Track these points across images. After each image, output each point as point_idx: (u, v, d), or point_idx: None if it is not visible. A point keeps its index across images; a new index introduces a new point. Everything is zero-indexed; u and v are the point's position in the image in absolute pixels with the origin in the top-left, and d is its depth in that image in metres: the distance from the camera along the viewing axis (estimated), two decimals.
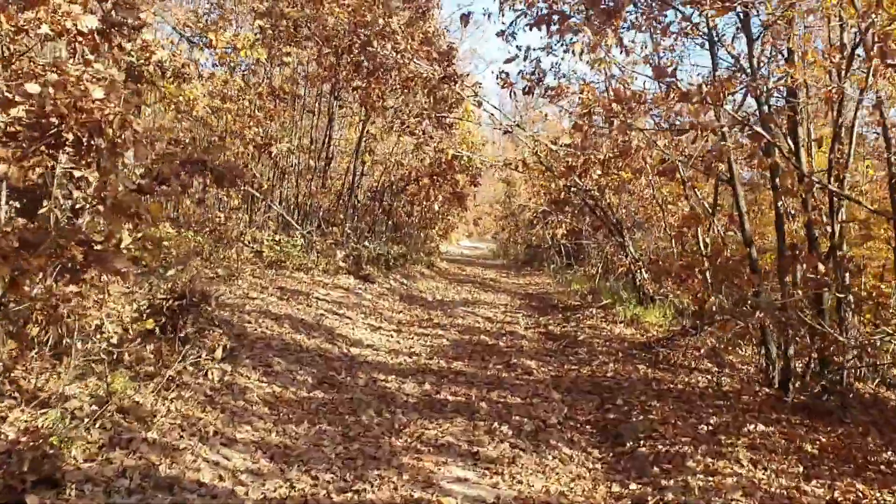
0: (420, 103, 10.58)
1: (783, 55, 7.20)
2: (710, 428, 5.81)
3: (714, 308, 8.49)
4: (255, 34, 12.00)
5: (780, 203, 6.76)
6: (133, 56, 4.85)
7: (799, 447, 5.38)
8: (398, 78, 10.10)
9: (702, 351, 8.51)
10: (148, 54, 4.86)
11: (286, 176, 15.37)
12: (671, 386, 7.27)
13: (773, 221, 7.65)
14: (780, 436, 5.69)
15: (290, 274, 11.65)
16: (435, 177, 14.56)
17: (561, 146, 10.69)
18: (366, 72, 10.06)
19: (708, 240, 11.60)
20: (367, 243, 14.12)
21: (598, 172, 10.90)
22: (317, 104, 15.31)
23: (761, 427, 5.84)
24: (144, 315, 5.63)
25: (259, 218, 14.26)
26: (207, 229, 11.12)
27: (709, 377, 7.60)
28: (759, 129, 4.71)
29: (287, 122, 14.82)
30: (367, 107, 10.72)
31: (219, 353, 5.71)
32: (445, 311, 12.09)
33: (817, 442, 5.53)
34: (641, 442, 5.51)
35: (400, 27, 10.48)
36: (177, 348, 5.75)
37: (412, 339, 9.02)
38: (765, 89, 6.22)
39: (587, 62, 9.84)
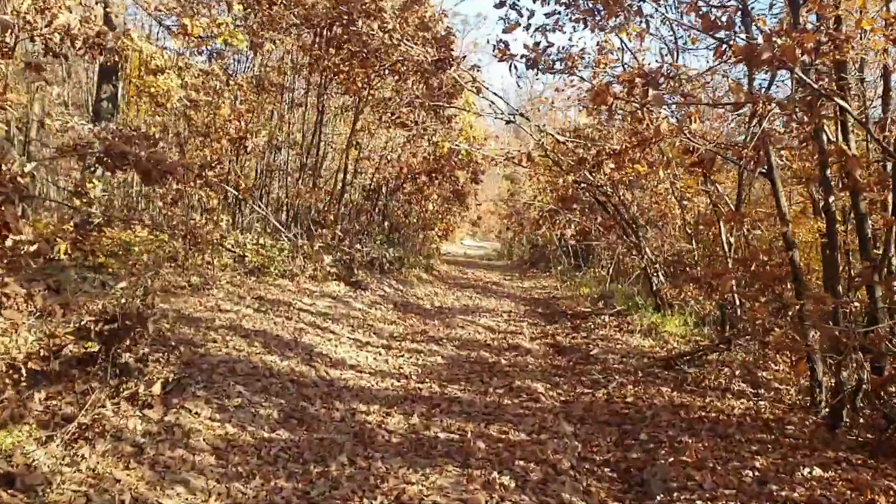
0: (412, 91, 9.54)
1: (830, 25, 6.14)
2: (757, 474, 4.77)
3: (748, 318, 7.45)
4: (235, 20, 11.00)
5: (831, 199, 5.71)
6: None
7: (872, 501, 4.33)
8: (386, 62, 9.06)
9: (734, 369, 7.46)
10: (48, 17, 3.87)
11: (273, 174, 14.37)
12: (703, 414, 6.23)
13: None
14: (843, 483, 4.65)
15: (273, 281, 10.64)
16: (433, 174, 13.54)
17: (569, 138, 9.65)
18: (349, 53, 9.01)
19: (732, 240, 10.59)
20: (359, 246, 13.10)
21: (611, 166, 9.86)
22: (306, 97, 14.28)
23: (818, 471, 4.80)
24: (62, 342, 4.62)
25: (243, 220, 13.27)
26: (181, 233, 10.11)
27: (745, 401, 6.55)
28: (841, 101, 3.67)
29: (272, 116, 13.81)
30: (351, 94, 9.68)
31: (157, 388, 4.69)
32: (443, 321, 11.05)
33: (892, 492, 4.48)
34: (675, 495, 4.47)
35: (393, 11, 9.47)
36: (109, 382, 4.74)
37: (403, 356, 7.98)
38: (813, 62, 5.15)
39: (599, 40, 8.81)
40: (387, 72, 9.55)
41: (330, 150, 15.62)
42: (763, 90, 7.36)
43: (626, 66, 10.33)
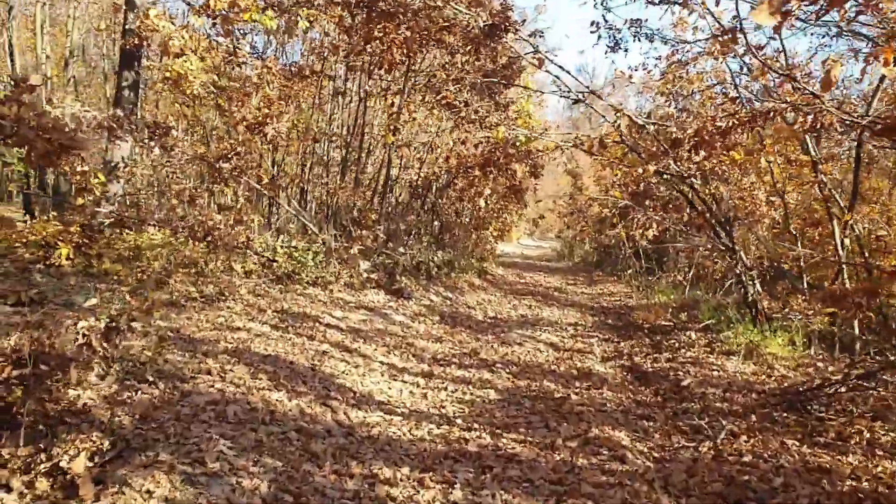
0: (461, 67, 8.00)
1: None
2: None
3: None
4: None
5: None
6: None
7: None
8: (430, 27, 7.54)
9: (881, 412, 5.68)
10: None
11: (311, 170, 13.03)
12: (855, 484, 4.50)
13: None
14: None
15: (302, 290, 9.25)
16: (487, 167, 11.96)
17: (652, 121, 7.95)
18: (383, 14, 7.50)
19: (847, 241, 8.74)
20: (403, 249, 11.62)
21: (702, 154, 8.15)
22: (345, 83, 12.90)
23: None
24: None
25: (277, 220, 11.95)
26: (200, 234, 8.79)
27: None
28: None
29: (310, 104, 12.47)
30: (388, 68, 8.20)
31: (80, 463, 3.26)
32: (498, 336, 9.48)
33: None
34: None
35: None
36: (18, 452, 3.34)
37: (447, 388, 6.43)
38: None
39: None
40: (431, 43, 8.04)
41: (373, 143, 14.22)
42: None
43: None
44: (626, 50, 10.23)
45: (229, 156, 7.97)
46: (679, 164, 8.52)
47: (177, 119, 10.66)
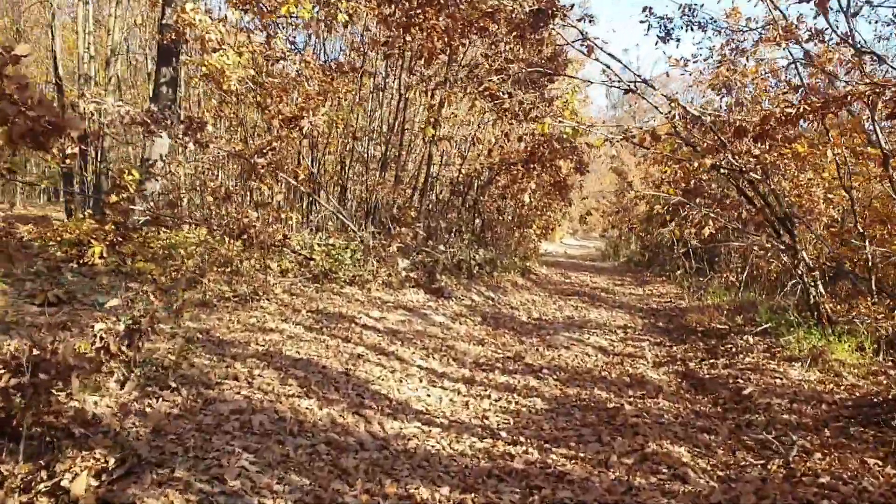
0: (504, 53, 7.57)
1: None
2: None
3: None
4: None
5: None
6: None
7: None
8: (471, 14, 7.12)
9: None
10: None
11: (351, 166, 12.75)
12: None
13: None
14: None
15: (339, 289, 8.94)
16: (531, 163, 11.54)
17: (708, 112, 7.42)
18: (424, 1, 7.09)
19: None
20: (442, 247, 11.24)
21: (765, 145, 7.64)
22: (386, 80, 12.58)
23: None
24: None
25: (316, 217, 11.69)
26: (235, 232, 8.53)
27: None
28: None
29: (349, 101, 12.17)
30: (427, 57, 7.79)
31: (80, 484, 2.93)
32: (543, 339, 9.04)
33: None
34: None
35: None
36: (17, 469, 3.04)
37: (489, 397, 6.01)
38: None
39: None
40: (473, 31, 7.62)
41: (413, 140, 13.89)
42: None
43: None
44: (677, 40, 9.64)
45: (265, 151, 7.69)
46: (737, 157, 7.97)
47: (215, 116, 10.45)
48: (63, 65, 16.02)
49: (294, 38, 11.29)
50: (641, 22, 8.83)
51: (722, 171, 8.26)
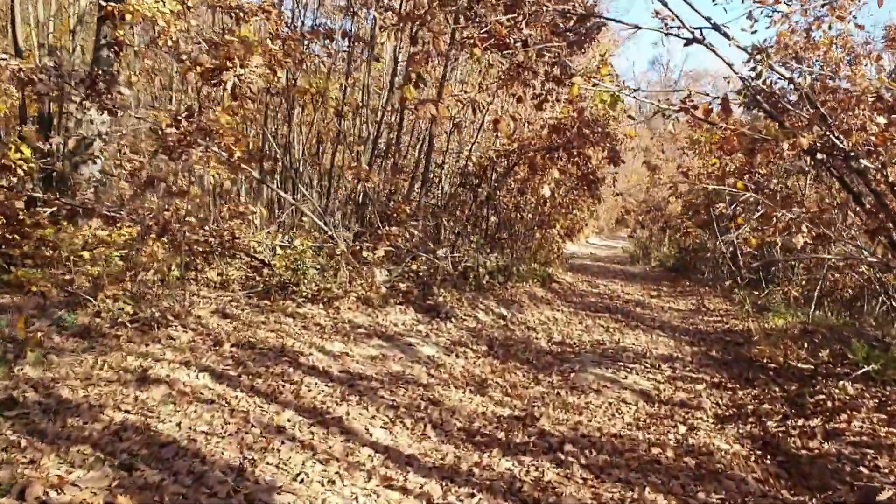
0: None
1: None
2: None
3: None
4: None
5: None
6: None
7: None
8: None
9: None
10: None
11: (338, 150, 10.54)
12: None
13: None
14: None
15: (295, 308, 6.75)
16: (556, 150, 9.25)
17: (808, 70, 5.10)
18: None
19: None
20: (443, 251, 8.98)
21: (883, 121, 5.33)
22: (373, 39, 10.34)
23: None
24: None
25: (286, 215, 9.51)
26: (153, 230, 6.33)
27: None
28: None
29: (329, 67, 9.99)
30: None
31: None
32: (566, 378, 6.78)
33: None
34: None
35: None
36: None
37: (481, 497, 3.75)
38: None
39: None
40: None
41: (417, 121, 11.65)
42: None
43: None
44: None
45: (179, 119, 5.51)
46: (841, 137, 5.62)
47: (150, 82, 8.33)
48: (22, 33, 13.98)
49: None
50: None
51: (819, 156, 5.90)
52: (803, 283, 11.72)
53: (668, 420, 5.90)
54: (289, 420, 4.19)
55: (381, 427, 4.46)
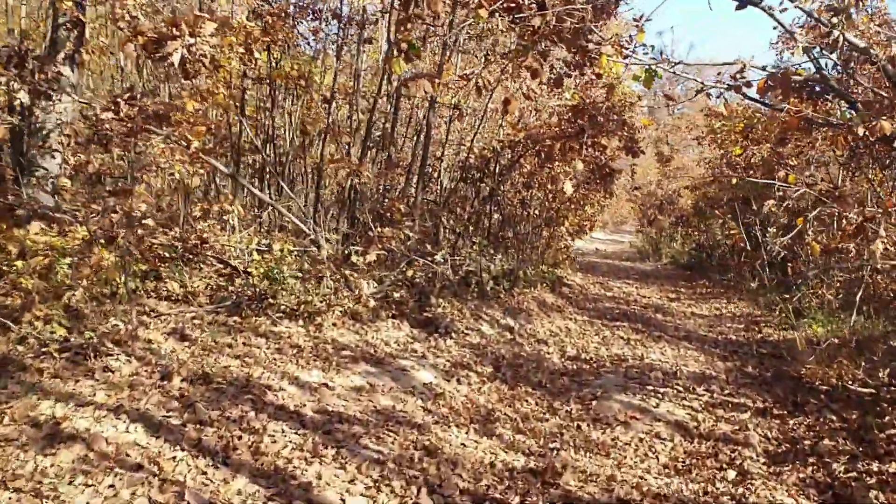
0: None
1: None
2: None
3: None
4: None
5: None
6: None
7: None
8: None
9: None
10: None
11: (327, 142, 9.51)
12: None
13: None
14: None
15: (269, 327, 5.75)
16: (573, 139, 8.22)
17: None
18: None
19: None
20: (442, 255, 7.96)
21: None
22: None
23: None
24: None
25: (267, 214, 8.53)
26: (99, 234, 5.31)
27: None
28: None
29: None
30: None
31: None
32: (586, 405, 5.80)
33: None
34: None
35: None
36: None
37: None
38: None
39: None
40: None
41: (414, 108, 10.64)
42: None
43: None
44: None
45: (119, 100, 4.50)
46: None
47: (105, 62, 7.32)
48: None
49: None
50: None
51: None
52: (838, 284, 10.66)
53: (711, 461, 4.93)
54: (239, 492, 3.19)
55: (361, 494, 3.45)
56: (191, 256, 6.69)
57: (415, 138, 10.15)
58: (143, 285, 5.95)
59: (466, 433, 4.71)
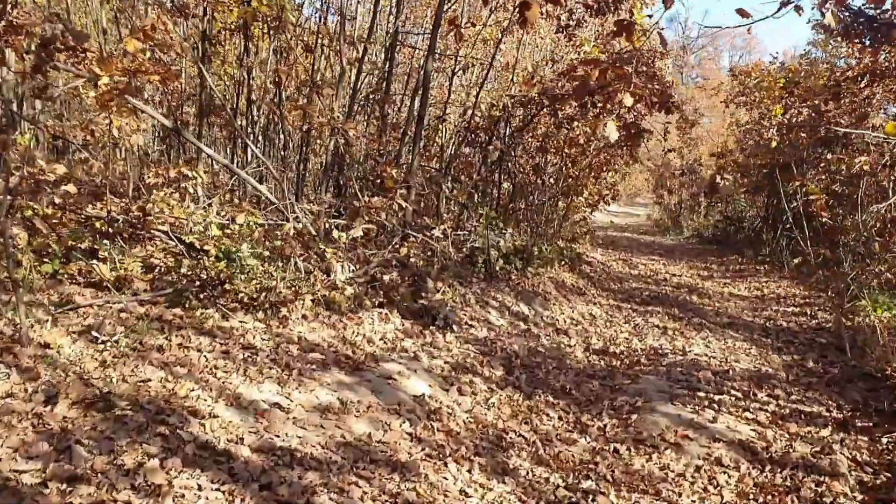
0: None
1: None
2: None
3: None
4: None
5: None
6: None
7: None
8: None
9: None
10: None
11: (310, 97, 8.19)
12: None
13: None
14: None
15: (219, 321, 4.51)
16: (601, 90, 6.89)
17: None
18: None
19: None
20: (441, 230, 6.68)
21: None
22: None
23: None
24: None
25: (234, 181, 7.27)
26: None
27: None
28: None
29: None
30: None
31: None
32: (623, 420, 4.58)
33: None
34: None
35: None
36: None
37: None
38: None
39: None
40: None
41: (413, 59, 9.31)
42: None
43: None
44: None
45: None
46: None
47: None
48: None
49: None
50: None
51: None
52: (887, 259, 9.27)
53: (792, 498, 3.69)
54: None
55: None
56: (133, 232, 5.44)
57: (413, 99, 8.82)
58: (67, 268, 4.71)
59: (469, 472, 3.46)
